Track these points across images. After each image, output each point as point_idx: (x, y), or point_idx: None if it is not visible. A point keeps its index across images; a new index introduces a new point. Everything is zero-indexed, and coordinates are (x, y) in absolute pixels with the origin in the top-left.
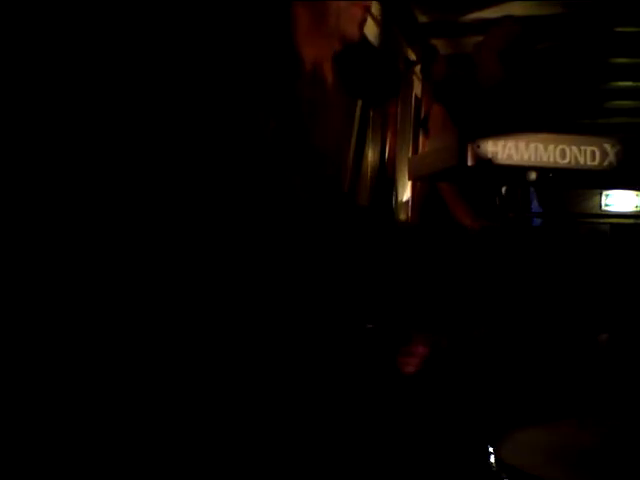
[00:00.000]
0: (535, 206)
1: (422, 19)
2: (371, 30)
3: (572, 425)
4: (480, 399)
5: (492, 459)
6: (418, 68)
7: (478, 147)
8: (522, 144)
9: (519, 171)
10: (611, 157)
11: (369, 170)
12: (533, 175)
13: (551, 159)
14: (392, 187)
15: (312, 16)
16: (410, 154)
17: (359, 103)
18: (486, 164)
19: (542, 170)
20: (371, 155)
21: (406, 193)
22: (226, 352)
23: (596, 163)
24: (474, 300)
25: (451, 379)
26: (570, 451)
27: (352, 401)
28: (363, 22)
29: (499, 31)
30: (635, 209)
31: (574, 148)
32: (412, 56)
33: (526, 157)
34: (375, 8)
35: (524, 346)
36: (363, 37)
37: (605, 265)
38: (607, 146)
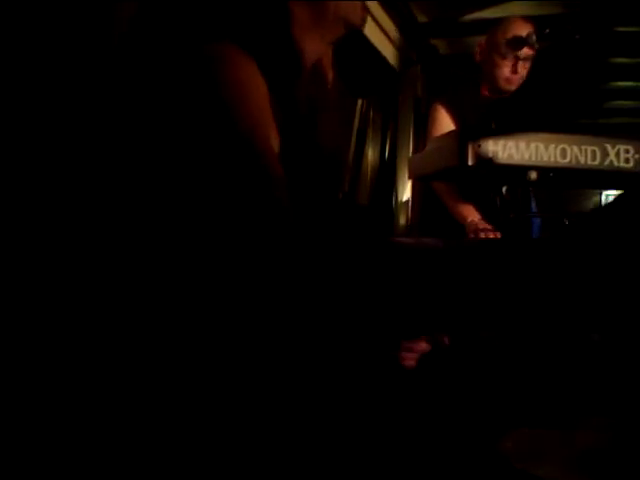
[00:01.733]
0: (535, 206)
1: (422, 19)
2: (371, 30)
3: (572, 425)
4: (481, 399)
5: (493, 459)
6: (418, 68)
7: (479, 147)
8: (522, 144)
9: (519, 171)
10: (611, 157)
11: (369, 170)
12: (533, 175)
13: (551, 159)
14: (392, 187)
15: (310, 9)
16: (410, 154)
17: (359, 103)
18: (486, 164)
19: (542, 170)
20: (371, 155)
21: (406, 193)
22: (223, 354)
23: (596, 163)
24: (480, 300)
25: (453, 378)
26: (570, 451)
27: (352, 399)
28: (364, 4)
29: (500, 31)
30: None
31: (574, 148)
32: (412, 56)
33: (526, 157)
34: (375, 8)
35: (525, 346)
36: (363, 37)
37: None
38: (607, 146)
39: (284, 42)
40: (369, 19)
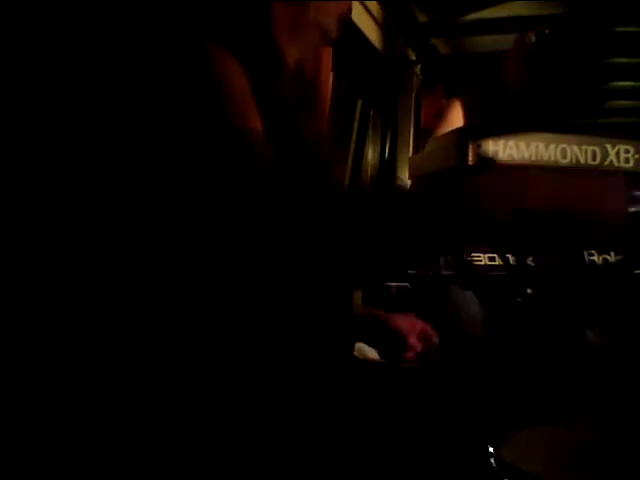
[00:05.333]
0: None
1: (422, 19)
2: (371, 30)
3: (572, 425)
4: (480, 399)
5: (492, 459)
6: (418, 68)
7: (479, 146)
8: (523, 143)
9: None
10: (611, 157)
11: (369, 170)
12: None
13: (552, 158)
14: (392, 187)
15: (291, 11)
16: (410, 154)
17: (359, 103)
18: (486, 164)
19: (543, 169)
20: (371, 155)
21: None
22: (222, 351)
23: (596, 163)
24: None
25: (451, 378)
26: (570, 451)
27: (350, 400)
28: (342, 18)
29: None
30: (635, 209)
31: (575, 147)
32: (412, 56)
33: (527, 156)
34: (375, 8)
35: (524, 346)
36: (363, 37)
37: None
38: (607, 146)
39: (265, 41)
40: (370, 19)
